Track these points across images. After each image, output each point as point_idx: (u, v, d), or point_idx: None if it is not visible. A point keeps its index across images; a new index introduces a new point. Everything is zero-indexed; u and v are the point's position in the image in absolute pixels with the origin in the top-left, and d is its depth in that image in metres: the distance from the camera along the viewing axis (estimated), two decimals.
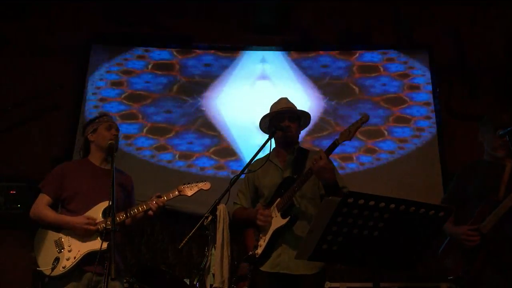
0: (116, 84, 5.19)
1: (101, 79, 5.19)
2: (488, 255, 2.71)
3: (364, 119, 2.56)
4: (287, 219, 2.64)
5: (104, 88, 5.16)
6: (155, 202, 2.80)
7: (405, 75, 5.24)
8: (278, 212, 2.69)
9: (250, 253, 2.74)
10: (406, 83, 5.20)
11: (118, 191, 2.88)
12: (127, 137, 4.93)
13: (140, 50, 5.34)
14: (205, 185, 2.99)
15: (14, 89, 5.06)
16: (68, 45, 5.23)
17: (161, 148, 4.97)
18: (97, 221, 2.74)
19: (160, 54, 5.33)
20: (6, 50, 5.21)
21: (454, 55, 5.33)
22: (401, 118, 5.05)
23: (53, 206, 2.91)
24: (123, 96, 5.14)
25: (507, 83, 5.12)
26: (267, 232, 2.70)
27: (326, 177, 2.58)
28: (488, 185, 2.83)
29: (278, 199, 2.73)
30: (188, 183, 2.97)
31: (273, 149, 2.89)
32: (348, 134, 2.57)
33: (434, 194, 4.63)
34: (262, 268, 2.69)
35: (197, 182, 2.99)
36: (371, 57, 5.34)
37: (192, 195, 2.95)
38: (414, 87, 5.18)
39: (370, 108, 5.06)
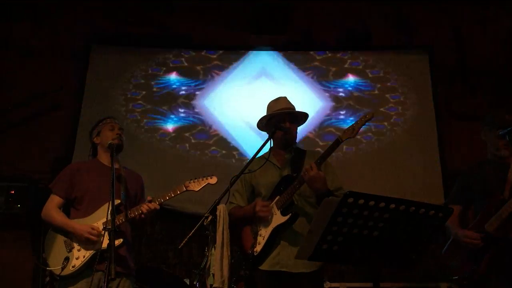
0: (116, 83, 5.19)
1: (102, 79, 5.19)
2: (495, 255, 2.71)
3: (369, 117, 2.56)
4: (288, 216, 2.64)
5: (105, 87, 5.16)
6: (147, 206, 2.79)
7: (405, 75, 5.23)
8: (278, 210, 2.69)
9: (249, 251, 2.73)
10: (406, 83, 5.19)
11: (127, 190, 2.90)
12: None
13: (140, 50, 5.34)
14: (212, 180, 2.97)
15: (14, 89, 5.06)
16: (68, 46, 5.24)
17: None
18: (104, 220, 2.77)
19: (159, 53, 5.33)
20: (6, 50, 5.21)
21: (454, 55, 5.33)
22: (400, 117, 5.05)
23: (65, 205, 2.94)
24: (121, 96, 5.14)
25: (507, 83, 5.12)
26: (266, 230, 2.70)
27: (317, 187, 2.59)
28: (492, 185, 2.84)
29: (277, 197, 2.73)
30: (195, 178, 2.96)
31: (270, 148, 2.88)
32: (352, 131, 2.57)
33: (434, 194, 4.63)
34: (261, 267, 2.69)
35: (204, 177, 2.98)
36: (371, 56, 5.33)
37: (200, 189, 2.94)
38: (414, 87, 5.17)
39: (369, 108, 5.05)
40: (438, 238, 3.90)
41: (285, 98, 3.03)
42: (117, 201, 2.75)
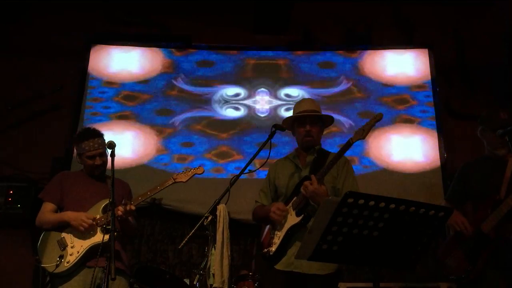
0: (116, 84, 5.19)
1: (101, 79, 5.19)
2: (491, 255, 2.71)
3: (378, 118, 2.57)
4: (301, 217, 2.65)
5: (104, 87, 5.16)
6: (121, 209, 2.83)
7: (404, 75, 5.23)
8: (293, 211, 2.71)
9: (265, 250, 2.76)
10: (406, 83, 5.19)
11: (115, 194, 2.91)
12: None
13: (140, 50, 5.33)
14: (199, 170, 3.07)
15: (14, 89, 5.06)
16: (68, 46, 5.23)
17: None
18: (98, 216, 2.81)
19: (160, 53, 5.33)
20: (6, 51, 5.21)
21: (454, 55, 5.33)
22: (401, 118, 5.04)
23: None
24: (121, 96, 5.13)
25: (506, 82, 5.12)
26: (281, 230, 2.72)
27: (318, 201, 2.59)
28: (489, 183, 2.84)
29: (294, 198, 2.74)
30: (182, 171, 3.06)
31: (295, 149, 2.99)
32: (362, 133, 2.59)
33: (434, 194, 4.63)
34: (276, 267, 2.71)
35: (191, 168, 3.08)
36: (371, 57, 5.33)
37: (187, 180, 3.04)
38: (414, 87, 5.17)
39: (369, 108, 5.05)
40: (438, 238, 3.92)
41: (309, 99, 3.07)
42: (105, 201, 2.84)
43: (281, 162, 2.96)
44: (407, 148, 4.92)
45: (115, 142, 2.81)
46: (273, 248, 2.71)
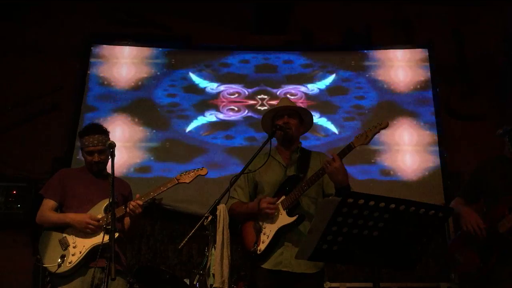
0: (116, 83, 5.18)
1: (101, 79, 5.19)
2: (505, 255, 2.69)
3: (384, 125, 2.55)
4: (295, 217, 2.63)
5: (104, 87, 5.15)
6: (132, 205, 2.84)
7: (404, 75, 5.23)
8: (284, 210, 2.68)
9: (252, 249, 2.72)
10: (406, 83, 5.19)
11: (115, 196, 2.91)
12: None
13: (140, 50, 5.33)
14: (203, 171, 3.05)
15: (14, 89, 5.06)
16: (68, 45, 5.23)
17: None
18: (99, 216, 2.82)
19: (160, 54, 5.33)
20: (6, 50, 5.21)
21: (454, 55, 5.33)
22: (401, 117, 5.04)
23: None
24: (121, 96, 5.12)
25: (506, 82, 5.12)
26: (271, 229, 2.69)
27: (339, 179, 2.55)
28: (507, 183, 2.80)
29: (283, 197, 2.72)
30: (186, 171, 3.05)
31: (275, 146, 2.94)
32: (365, 139, 2.57)
33: (434, 194, 4.63)
34: (263, 266, 2.69)
35: (195, 169, 3.07)
36: (371, 57, 5.33)
37: (191, 181, 3.03)
38: (414, 87, 5.17)
39: (369, 108, 5.05)
40: (438, 238, 3.91)
41: (286, 98, 3.09)
42: (106, 201, 2.84)
43: (260, 157, 2.79)
44: (406, 148, 4.92)
45: (115, 142, 2.81)
46: (262, 247, 2.67)
